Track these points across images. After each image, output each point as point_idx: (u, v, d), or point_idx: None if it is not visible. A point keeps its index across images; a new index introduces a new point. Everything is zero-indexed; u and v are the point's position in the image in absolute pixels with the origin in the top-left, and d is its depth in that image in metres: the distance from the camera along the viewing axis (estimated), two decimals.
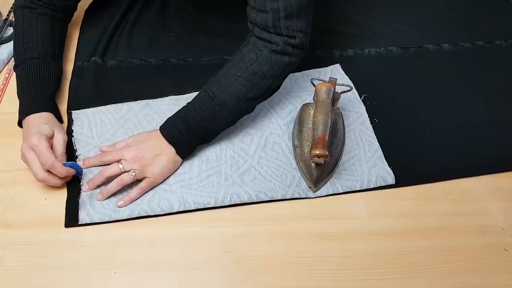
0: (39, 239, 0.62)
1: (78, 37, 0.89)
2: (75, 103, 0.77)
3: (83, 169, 0.68)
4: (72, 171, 0.65)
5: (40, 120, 0.68)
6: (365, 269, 0.61)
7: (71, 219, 0.63)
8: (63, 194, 0.66)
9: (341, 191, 0.68)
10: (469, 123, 0.79)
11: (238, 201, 0.66)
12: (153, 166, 0.65)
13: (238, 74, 0.66)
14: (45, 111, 0.70)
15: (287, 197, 0.67)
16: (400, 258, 0.62)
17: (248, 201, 0.66)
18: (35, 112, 0.69)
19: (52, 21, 0.79)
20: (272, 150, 0.73)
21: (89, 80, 0.81)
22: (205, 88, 0.68)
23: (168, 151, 0.67)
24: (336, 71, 0.85)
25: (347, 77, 0.84)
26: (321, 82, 0.70)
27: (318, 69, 0.86)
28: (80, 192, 0.66)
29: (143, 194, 0.66)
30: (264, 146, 0.73)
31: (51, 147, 0.66)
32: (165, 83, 0.81)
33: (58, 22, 0.81)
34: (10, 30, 0.88)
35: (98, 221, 0.63)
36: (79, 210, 0.64)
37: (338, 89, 0.72)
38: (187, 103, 0.68)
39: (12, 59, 0.84)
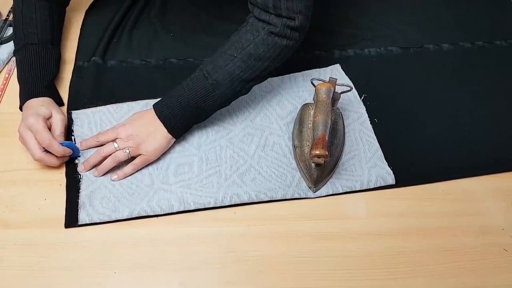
0: (39, 239, 0.62)
1: (78, 37, 0.89)
2: (75, 103, 0.77)
3: (80, 150, 0.69)
4: (69, 151, 0.66)
5: (38, 103, 0.69)
6: (365, 269, 0.61)
7: (71, 219, 0.63)
8: (63, 194, 0.66)
9: (341, 191, 0.68)
10: (469, 123, 0.79)
11: (238, 201, 0.66)
12: (147, 144, 0.66)
13: (234, 55, 0.66)
14: (43, 96, 0.71)
15: (287, 197, 0.67)
16: (400, 258, 0.62)
17: (248, 201, 0.66)
18: (34, 97, 0.70)
19: (50, 5, 0.80)
20: (272, 150, 0.72)
21: (89, 80, 0.81)
22: (201, 67, 0.68)
23: (161, 129, 0.67)
24: (336, 71, 0.85)
25: (347, 77, 0.84)
26: (321, 82, 0.70)
27: (318, 69, 0.86)
28: (79, 192, 0.66)
29: (137, 171, 0.67)
30: (264, 146, 0.73)
31: (50, 128, 0.67)
32: (165, 83, 0.81)
33: (57, 7, 0.82)
34: (10, 30, 0.88)
35: (98, 221, 0.63)
36: (79, 210, 0.64)
37: (338, 89, 0.72)
38: (182, 82, 0.68)
39: (12, 59, 0.84)
